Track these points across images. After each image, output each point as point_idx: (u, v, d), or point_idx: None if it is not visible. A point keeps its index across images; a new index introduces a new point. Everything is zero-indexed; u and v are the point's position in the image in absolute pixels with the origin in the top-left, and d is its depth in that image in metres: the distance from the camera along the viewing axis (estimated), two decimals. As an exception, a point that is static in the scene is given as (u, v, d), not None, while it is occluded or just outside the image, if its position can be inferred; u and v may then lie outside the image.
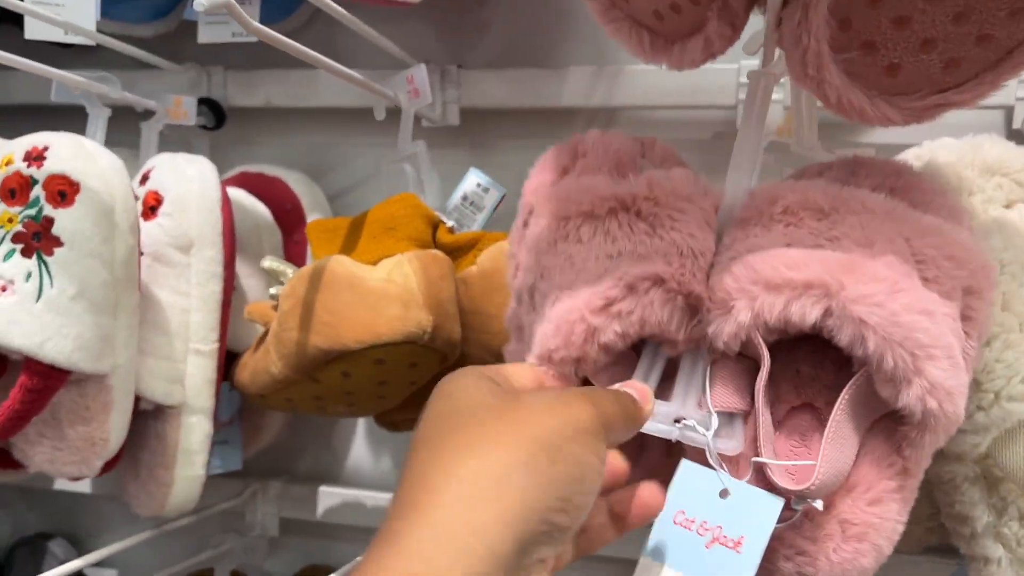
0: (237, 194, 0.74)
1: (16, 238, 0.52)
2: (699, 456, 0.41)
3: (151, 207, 0.62)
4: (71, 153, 0.54)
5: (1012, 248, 0.45)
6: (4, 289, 0.52)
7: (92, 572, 0.92)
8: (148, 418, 0.63)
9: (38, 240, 0.52)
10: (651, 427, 0.41)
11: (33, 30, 0.65)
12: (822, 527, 0.40)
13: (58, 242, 0.53)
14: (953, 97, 0.42)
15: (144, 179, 0.64)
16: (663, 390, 0.43)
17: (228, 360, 0.68)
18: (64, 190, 0.53)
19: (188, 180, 0.63)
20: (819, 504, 0.39)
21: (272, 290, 0.63)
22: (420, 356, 0.57)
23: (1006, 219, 0.47)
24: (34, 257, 0.52)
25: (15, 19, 0.69)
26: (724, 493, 0.39)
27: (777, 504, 0.38)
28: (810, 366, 0.43)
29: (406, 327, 0.55)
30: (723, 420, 0.42)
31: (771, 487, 0.39)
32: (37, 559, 0.91)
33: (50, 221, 0.52)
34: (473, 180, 0.67)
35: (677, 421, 0.41)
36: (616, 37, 0.47)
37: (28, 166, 0.53)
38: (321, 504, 0.86)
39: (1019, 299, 0.44)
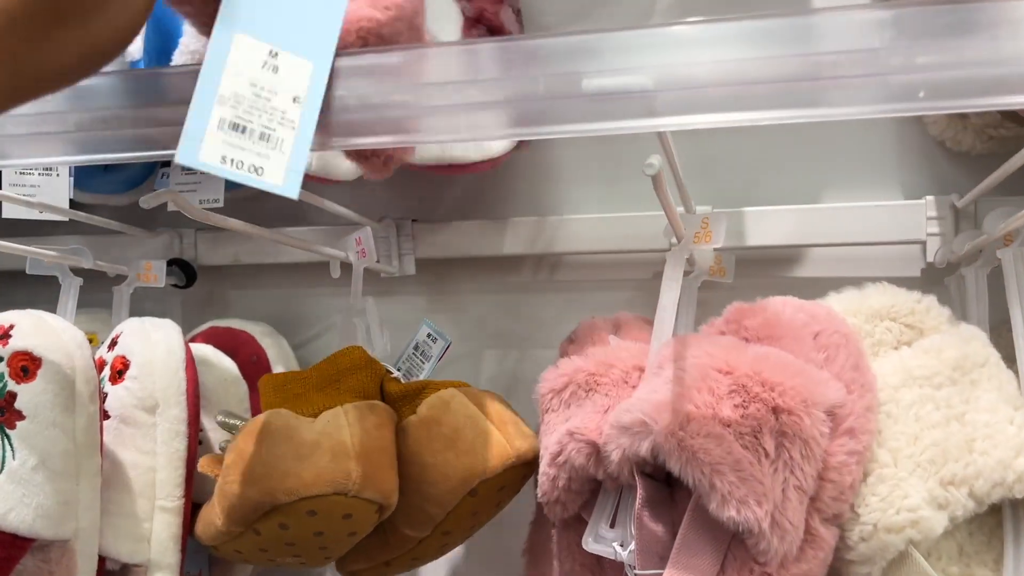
0: (204, 350, 0.78)
1: (-19, 415, 0.56)
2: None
3: (118, 371, 0.66)
4: (33, 329, 0.58)
5: (887, 388, 0.49)
6: (-32, 465, 0.55)
7: None
8: (115, 578, 0.65)
9: (1, 415, 0.56)
10: (597, 548, 0.54)
11: (10, 211, 0.71)
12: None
13: (20, 415, 0.56)
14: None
15: (113, 344, 0.69)
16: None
17: (195, 511, 0.70)
18: (27, 365, 0.57)
19: (154, 344, 0.67)
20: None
21: (222, 444, 0.66)
22: (353, 507, 0.59)
23: (888, 362, 0.51)
24: (-2, 432, 0.56)
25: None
26: None
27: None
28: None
29: (334, 477, 0.57)
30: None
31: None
32: None
33: (13, 396, 0.56)
34: (424, 331, 0.71)
35: (621, 545, 0.53)
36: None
37: (-4, 345, 0.57)
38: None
39: (893, 436, 0.48)
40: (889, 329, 0.52)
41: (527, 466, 0.65)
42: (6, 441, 0.56)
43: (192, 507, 0.69)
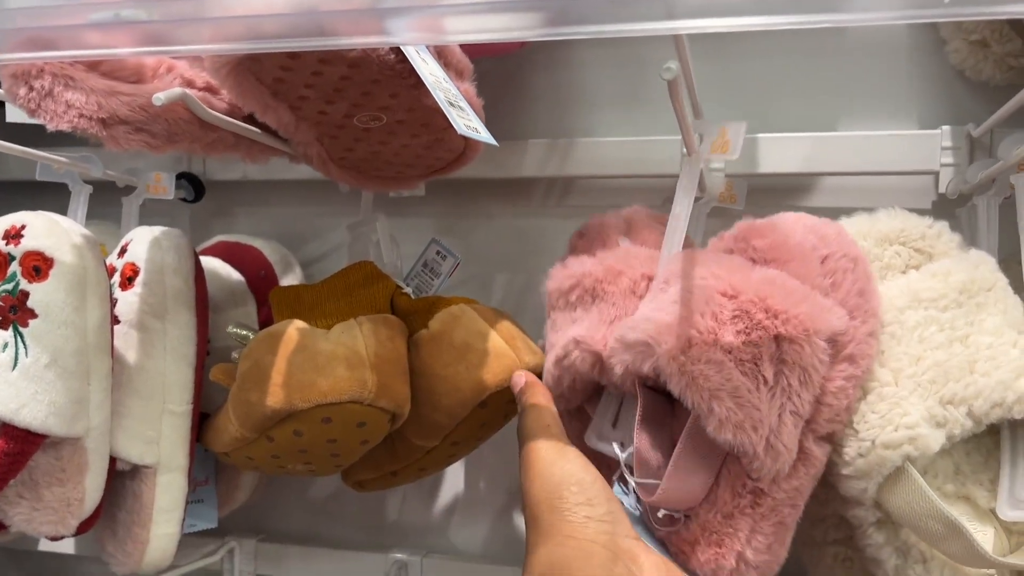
0: (213, 262, 0.79)
1: (-5, 311, 0.57)
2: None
3: (128, 278, 0.67)
4: (46, 231, 0.58)
5: (892, 310, 0.49)
6: (-18, 359, 0.56)
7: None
8: (125, 478, 0.66)
9: (14, 313, 0.57)
10: (599, 446, 0.56)
11: (14, 114, 0.70)
12: (691, 532, 0.50)
13: (33, 314, 0.57)
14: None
15: (123, 251, 0.69)
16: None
17: (203, 421, 0.71)
18: (39, 265, 0.57)
19: (163, 251, 0.67)
20: (678, 515, 0.50)
21: (235, 354, 0.66)
22: (367, 416, 0.60)
23: (895, 285, 0.51)
24: (10, 329, 0.57)
25: (-1, 100, 0.74)
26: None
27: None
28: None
29: (350, 387, 0.58)
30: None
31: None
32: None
33: (25, 295, 0.57)
34: (434, 248, 0.71)
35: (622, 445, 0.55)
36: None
37: (6, 244, 0.58)
38: (297, 562, 0.89)
39: (895, 356, 0.48)
40: (898, 253, 0.52)
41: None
42: (19, 339, 0.56)
43: (200, 416, 0.70)
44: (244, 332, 0.67)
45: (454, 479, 0.87)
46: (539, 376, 0.66)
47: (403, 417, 0.63)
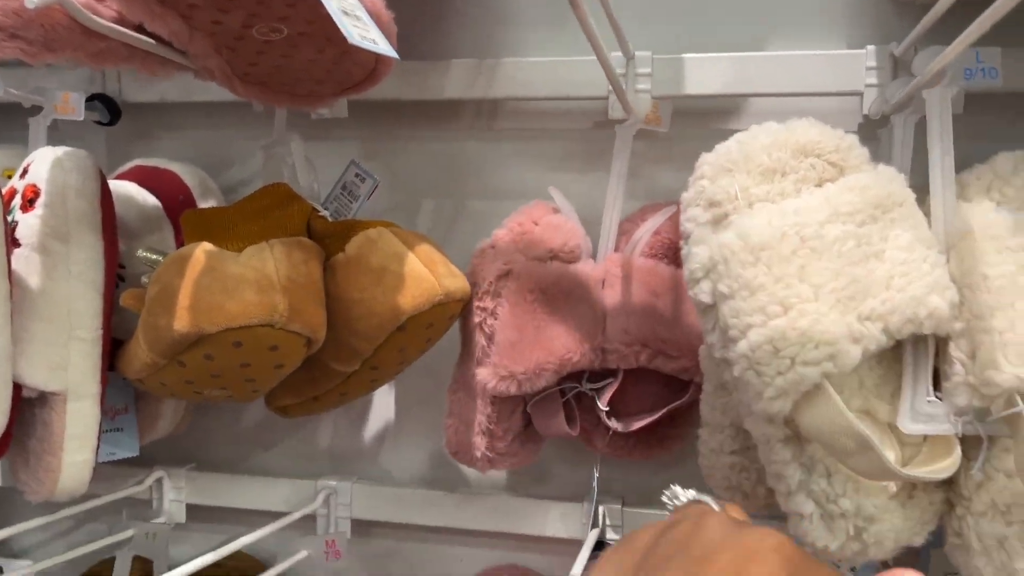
0: (128, 187, 0.76)
1: None
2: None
3: (29, 200, 0.64)
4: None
5: (813, 224, 0.49)
6: None
7: (4, 563, 0.93)
8: (34, 406, 0.65)
9: (-98, 234, 0.54)
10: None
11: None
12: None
13: (-80, 236, 0.54)
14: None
15: (24, 172, 0.66)
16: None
17: (117, 348, 0.69)
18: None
19: (66, 172, 0.64)
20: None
21: (144, 279, 0.64)
22: (279, 339, 0.59)
23: (813, 198, 0.50)
24: None
25: None
26: None
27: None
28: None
29: (260, 311, 0.57)
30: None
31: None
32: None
33: (-88, 216, 0.54)
34: (352, 171, 0.69)
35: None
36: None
37: None
38: (227, 491, 0.88)
39: (816, 271, 0.48)
40: (813, 166, 0.52)
41: (455, 304, 0.65)
42: (-94, 260, 0.54)
43: (114, 343, 0.69)
44: (155, 256, 0.65)
45: (383, 407, 0.87)
46: (460, 303, 0.65)
47: (319, 342, 0.62)
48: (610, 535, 0.77)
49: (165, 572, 0.87)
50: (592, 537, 0.71)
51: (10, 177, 0.84)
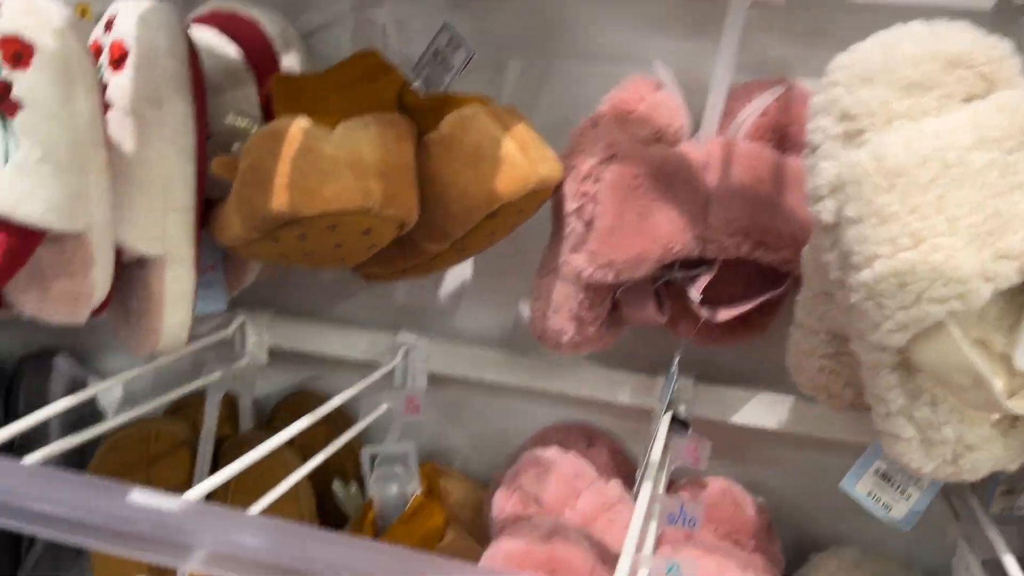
0: (208, 36, 0.73)
1: (-22, 101, 0.53)
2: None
3: (117, 59, 0.62)
4: (23, 9, 0.53)
5: (957, 149, 0.45)
6: (-29, 153, 0.53)
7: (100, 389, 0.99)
8: (134, 269, 0.66)
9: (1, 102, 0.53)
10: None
11: None
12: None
13: (19, 105, 0.53)
14: None
15: (108, 26, 0.63)
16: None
17: (209, 207, 0.69)
18: (19, 51, 0.52)
19: (153, 31, 0.62)
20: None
21: (236, 145, 0.63)
22: (373, 223, 0.58)
23: (959, 118, 0.46)
24: (-2, 120, 0.53)
25: None
26: None
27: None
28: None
29: (355, 196, 0.56)
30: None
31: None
32: (43, 373, 0.97)
33: (8, 85, 0.52)
34: (446, 36, 0.65)
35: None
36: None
37: (-19, 24, 0.53)
38: (307, 336, 0.91)
39: (955, 202, 0.45)
40: (961, 79, 0.47)
41: (548, 190, 0.64)
42: (7, 131, 0.53)
43: (206, 204, 0.68)
44: (245, 122, 0.64)
45: (462, 268, 0.87)
46: (552, 189, 0.63)
47: (411, 224, 0.61)
48: (683, 410, 0.79)
49: (250, 407, 0.92)
50: (667, 418, 0.72)
51: (83, 14, 0.81)
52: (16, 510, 0.45)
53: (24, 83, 0.53)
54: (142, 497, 0.45)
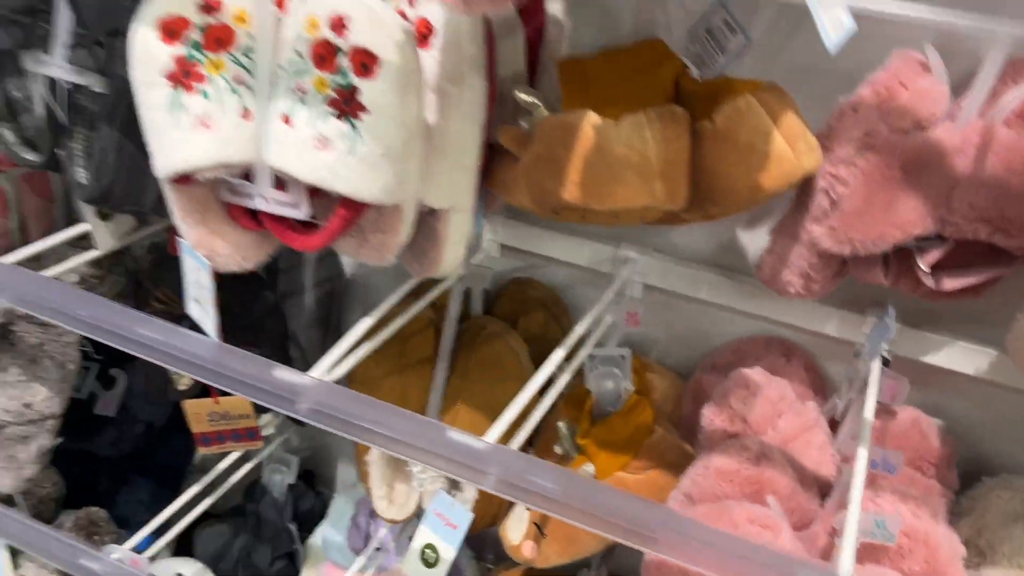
0: None
1: (331, 103, 0.61)
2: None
3: (423, 35, 0.68)
4: (369, 25, 0.60)
5: None
6: (324, 146, 0.62)
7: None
8: (425, 215, 0.76)
9: (348, 105, 0.61)
10: None
11: None
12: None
13: (364, 108, 0.61)
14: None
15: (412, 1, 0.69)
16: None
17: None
18: (366, 62, 0.60)
19: (459, 18, 0.68)
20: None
21: (523, 122, 0.70)
22: (651, 213, 0.66)
23: None
24: (345, 120, 0.62)
25: None
26: None
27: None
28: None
29: (641, 196, 0.63)
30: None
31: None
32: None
33: (356, 90, 0.61)
34: (720, 15, 0.68)
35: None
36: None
37: (335, 35, 0.60)
38: (537, 240, 1.01)
39: None
40: None
41: (805, 178, 0.69)
42: (354, 130, 0.62)
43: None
44: (530, 99, 0.70)
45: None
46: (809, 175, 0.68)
47: (680, 209, 0.68)
48: (884, 348, 0.86)
49: (481, 294, 1.05)
50: (876, 365, 0.80)
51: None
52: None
53: (369, 90, 0.61)
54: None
